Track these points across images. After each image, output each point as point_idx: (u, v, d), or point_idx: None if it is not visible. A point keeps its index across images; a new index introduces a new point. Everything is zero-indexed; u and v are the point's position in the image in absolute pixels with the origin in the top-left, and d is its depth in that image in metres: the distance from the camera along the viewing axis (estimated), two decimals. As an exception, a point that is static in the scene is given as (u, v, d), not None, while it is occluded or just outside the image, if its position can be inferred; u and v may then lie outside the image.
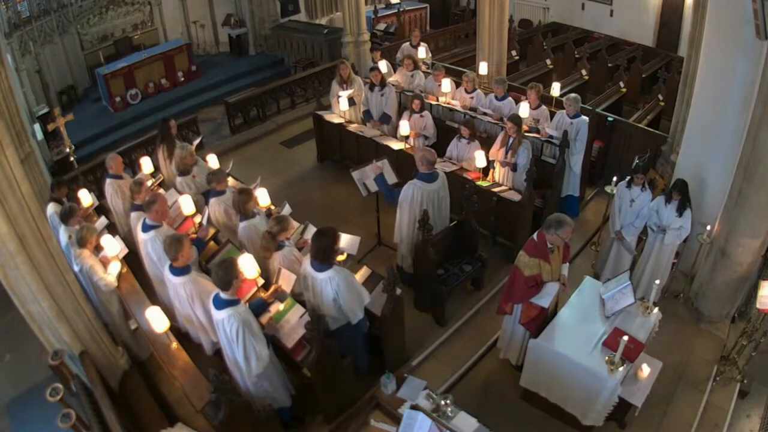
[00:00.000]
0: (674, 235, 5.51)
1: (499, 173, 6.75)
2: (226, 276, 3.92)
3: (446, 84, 7.81)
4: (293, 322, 4.35)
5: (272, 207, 5.75)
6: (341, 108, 8.07)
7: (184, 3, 12.71)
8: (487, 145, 6.82)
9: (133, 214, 5.43)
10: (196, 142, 7.01)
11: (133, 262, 5.41)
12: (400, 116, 7.66)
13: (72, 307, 4.32)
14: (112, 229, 5.93)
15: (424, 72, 8.75)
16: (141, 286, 5.15)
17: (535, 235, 4.57)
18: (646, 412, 4.68)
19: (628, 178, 5.78)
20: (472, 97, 7.82)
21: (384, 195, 5.93)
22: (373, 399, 4.43)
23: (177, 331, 4.73)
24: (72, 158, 7.70)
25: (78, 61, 11.49)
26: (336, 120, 8.15)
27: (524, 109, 7.08)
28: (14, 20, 9.74)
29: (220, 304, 3.96)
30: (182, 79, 11.92)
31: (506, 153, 6.53)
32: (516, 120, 6.39)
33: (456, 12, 15.98)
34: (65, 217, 5.21)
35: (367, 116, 8.05)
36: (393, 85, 8.16)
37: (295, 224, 5.29)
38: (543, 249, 4.51)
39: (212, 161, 6.38)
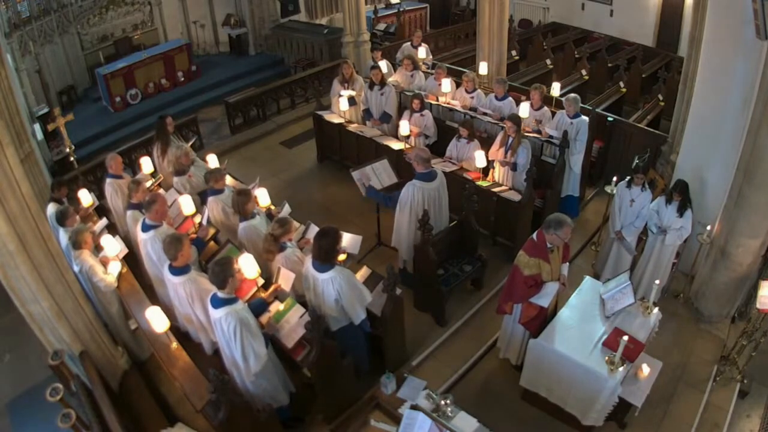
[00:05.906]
0: (675, 235, 5.52)
1: (498, 173, 6.75)
2: (222, 273, 3.91)
3: (446, 84, 7.81)
4: (293, 322, 4.35)
5: (272, 207, 5.75)
6: (341, 108, 8.07)
7: (184, 3, 12.71)
8: (487, 145, 6.82)
9: (129, 213, 5.42)
10: (191, 143, 7.01)
11: (132, 262, 5.40)
12: (400, 116, 7.66)
13: (72, 307, 4.32)
14: (112, 229, 5.92)
15: (424, 72, 8.75)
16: (141, 286, 5.15)
17: (534, 235, 4.57)
18: (646, 412, 4.68)
19: (628, 178, 5.78)
20: (472, 97, 7.82)
21: (383, 202, 5.92)
22: (373, 399, 4.44)
23: (177, 331, 4.72)
24: (72, 158, 7.68)
25: (78, 61, 11.48)
26: (336, 120, 8.15)
27: (524, 110, 7.08)
28: (14, 20, 9.72)
29: (217, 303, 3.96)
30: (182, 79, 11.91)
31: (505, 153, 6.53)
32: (515, 119, 6.39)
33: (456, 12, 15.98)
34: (60, 219, 5.18)
35: (367, 115, 8.05)
36: (393, 85, 8.16)
37: (296, 225, 5.29)
38: (543, 249, 4.51)
39: (212, 161, 6.37)
